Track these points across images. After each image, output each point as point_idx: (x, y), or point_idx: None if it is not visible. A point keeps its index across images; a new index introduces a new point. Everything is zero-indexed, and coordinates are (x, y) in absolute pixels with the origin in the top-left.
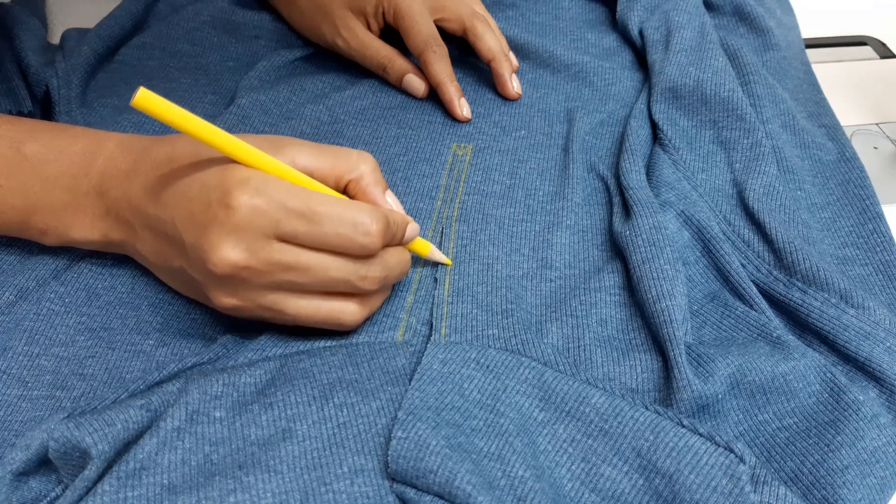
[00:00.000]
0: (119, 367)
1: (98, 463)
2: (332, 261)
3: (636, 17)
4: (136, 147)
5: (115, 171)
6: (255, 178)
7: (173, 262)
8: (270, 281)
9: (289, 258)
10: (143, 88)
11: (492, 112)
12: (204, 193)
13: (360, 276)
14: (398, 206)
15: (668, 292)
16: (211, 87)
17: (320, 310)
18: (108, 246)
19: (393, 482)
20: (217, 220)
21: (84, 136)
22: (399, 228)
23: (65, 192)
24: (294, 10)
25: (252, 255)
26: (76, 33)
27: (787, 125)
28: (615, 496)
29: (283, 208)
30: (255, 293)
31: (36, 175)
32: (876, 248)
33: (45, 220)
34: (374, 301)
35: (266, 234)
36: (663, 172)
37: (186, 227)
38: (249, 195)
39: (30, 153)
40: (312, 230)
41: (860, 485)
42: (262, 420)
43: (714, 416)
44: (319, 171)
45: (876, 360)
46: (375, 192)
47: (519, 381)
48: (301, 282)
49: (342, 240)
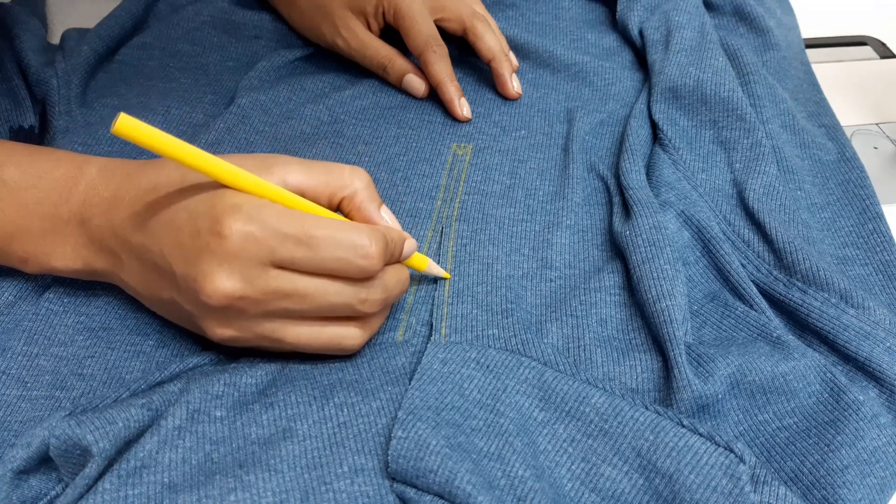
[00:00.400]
0: (119, 368)
1: (99, 461)
2: (330, 285)
3: (636, 17)
4: (119, 173)
5: (98, 199)
6: (246, 203)
7: (163, 294)
8: (268, 309)
9: (286, 285)
10: (124, 114)
11: (492, 112)
12: (193, 221)
13: (360, 300)
14: (394, 221)
15: (668, 292)
16: (211, 87)
17: (321, 336)
18: (92, 275)
19: (393, 482)
20: (209, 250)
21: (65, 160)
22: (397, 246)
23: (44, 220)
24: (294, 10)
25: (248, 283)
26: (76, 33)
27: (787, 125)
28: (615, 496)
29: (278, 234)
30: (253, 323)
31: (14, 201)
32: (876, 248)
33: (24, 248)
34: (375, 323)
35: (261, 262)
36: (663, 172)
37: (175, 257)
38: (242, 222)
39: (7, 178)
40: (310, 255)
41: (860, 485)
42: (263, 419)
43: (714, 416)
44: (311, 189)
45: (876, 360)
46: (370, 208)
47: (519, 380)
48: (299, 309)
49: (341, 264)
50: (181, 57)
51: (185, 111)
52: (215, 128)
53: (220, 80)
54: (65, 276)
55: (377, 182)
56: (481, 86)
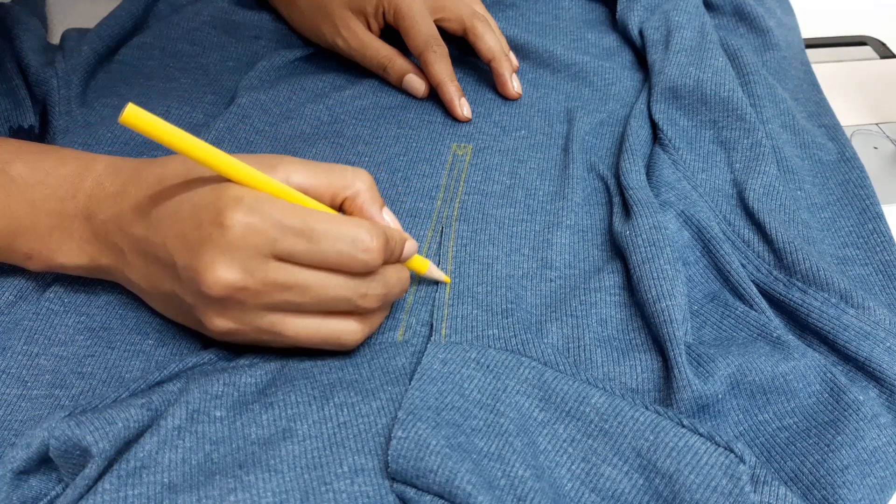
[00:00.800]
0: (118, 367)
1: (99, 461)
2: (331, 279)
3: (636, 17)
4: (125, 169)
5: (103, 194)
6: (248, 196)
7: (164, 287)
8: (268, 302)
9: (286, 277)
10: (132, 105)
11: (492, 112)
12: (195, 213)
13: (360, 294)
14: (395, 223)
15: (668, 292)
16: (211, 87)
17: (320, 330)
18: (96, 271)
19: (393, 482)
20: (211, 240)
21: (73, 157)
22: (397, 245)
23: (51, 216)
24: (294, 10)
25: (248, 274)
26: (76, 33)
27: (787, 125)
28: (615, 496)
29: (279, 226)
30: (252, 315)
31: (21, 197)
32: (876, 248)
33: (30, 245)
34: (375, 319)
35: (262, 253)
36: (663, 172)
37: (178, 248)
38: (243, 213)
39: (15, 175)
40: (311, 248)
41: (860, 485)
42: (263, 419)
43: (714, 416)
44: (314, 188)
45: (876, 360)
46: (372, 209)
47: (519, 380)
48: (299, 301)
49: (342, 257)
50: (181, 57)
51: (185, 111)
52: (215, 127)
53: (220, 80)
54: (69, 274)
55: (377, 182)
56: (481, 86)
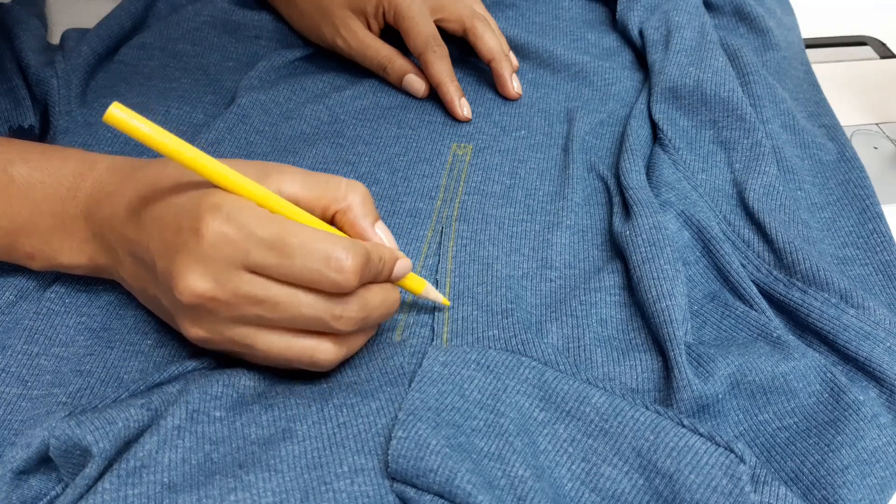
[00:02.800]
0: (117, 367)
1: (99, 461)
2: (303, 297)
3: (636, 17)
4: (124, 169)
5: (102, 194)
6: (227, 203)
7: (149, 289)
8: (238, 314)
9: (257, 291)
10: (117, 103)
11: (492, 112)
12: (177, 218)
13: (333, 316)
14: (389, 239)
15: (668, 292)
16: (211, 87)
17: (292, 347)
18: (96, 270)
19: (393, 481)
20: (186, 247)
21: (75, 158)
22: (386, 264)
23: (53, 216)
24: (294, 10)
25: (218, 285)
26: (76, 33)
27: (787, 125)
28: (615, 496)
29: (252, 237)
30: (223, 325)
31: (24, 197)
32: (876, 248)
33: (32, 244)
34: (353, 342)
35: (233, 265)
36: (663, 172)
37: (159, 252)
38: (220, 222)
39: (17, 175)
40: (282, 263)
41: (860, 485)
42: (263, 420)
43: (714, 416)
44: (305, 200)
45: (876, 360)
46: (364, 224)
47: (519, 381)
48: (270, 317)
49: (312, 275)
50: (181, 57)
51: (185, 111)
52: (215, 127)
53: (220, 80)
54: (70, 274)
55: (377, 182)
56: (481, 86)
